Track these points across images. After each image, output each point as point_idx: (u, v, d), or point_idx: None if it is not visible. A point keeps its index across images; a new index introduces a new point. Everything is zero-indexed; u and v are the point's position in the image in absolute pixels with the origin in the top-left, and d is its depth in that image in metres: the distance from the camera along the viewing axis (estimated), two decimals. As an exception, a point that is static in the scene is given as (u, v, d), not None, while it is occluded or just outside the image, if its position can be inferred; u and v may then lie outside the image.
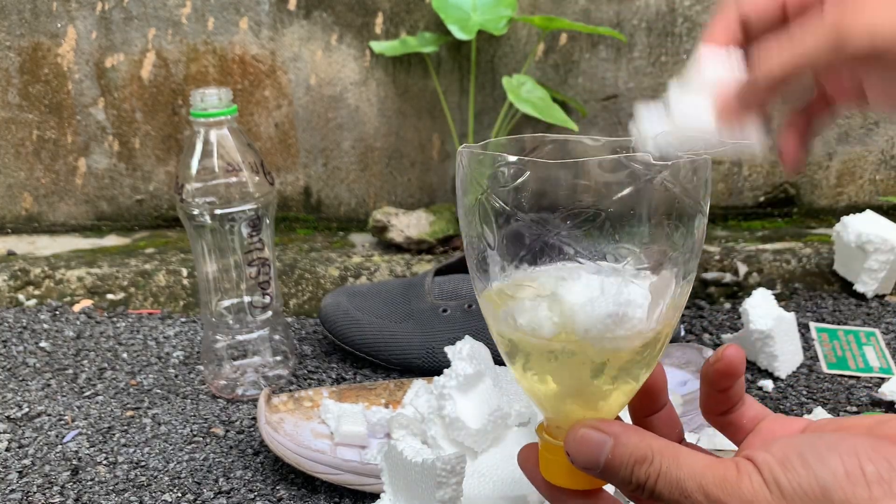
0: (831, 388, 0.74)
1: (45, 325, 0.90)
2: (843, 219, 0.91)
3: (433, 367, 0.76)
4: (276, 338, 0.77)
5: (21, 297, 0.96)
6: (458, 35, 0.95)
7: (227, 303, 0.74)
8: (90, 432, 0.70)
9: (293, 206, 1.13)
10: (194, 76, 1.07)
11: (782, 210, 1.13)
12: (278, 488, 0.62)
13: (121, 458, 0.66)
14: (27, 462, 0.66)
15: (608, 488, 0.38)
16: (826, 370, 0.77)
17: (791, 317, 0.77)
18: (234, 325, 0.74)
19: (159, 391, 0.76)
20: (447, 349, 0.61)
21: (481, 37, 1.04)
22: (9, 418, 0.72)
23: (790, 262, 0.97)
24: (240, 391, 0.75)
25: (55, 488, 0.62)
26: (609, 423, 0.34)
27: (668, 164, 0.32)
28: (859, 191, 1.12)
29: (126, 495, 0.61)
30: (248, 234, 0.71)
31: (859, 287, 0.90)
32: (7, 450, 0.67)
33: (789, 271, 0.96)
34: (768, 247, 1.01)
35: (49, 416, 0.72)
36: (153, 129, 1.09)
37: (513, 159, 0.33)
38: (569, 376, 0.34)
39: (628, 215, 0.32)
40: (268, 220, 0.72)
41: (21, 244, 1.09)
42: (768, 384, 0.75)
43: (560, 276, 0.33)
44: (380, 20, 1.04)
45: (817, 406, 0.70)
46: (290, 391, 0.73)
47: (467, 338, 0.61)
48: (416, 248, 1.02)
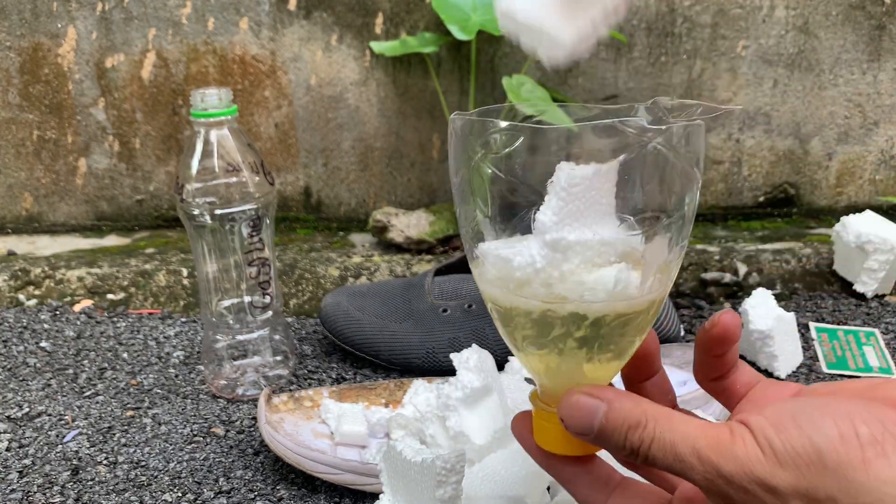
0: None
1: (46, 325, 0.90)
2: (843, 219, 0.91)
3: (433, 367, 0.76)
4: (277, 338, 0.77)
5: (21, 296, 0.96)
6: (458, 35, 0.95)
7: (227, 303, 0.74)
8: (90, 432, 0.70)
9: (293, 206, 1.13)
10: (194, 76, 1.07)
11: (782, 210, 1.13)
12: (278, 488, 0.62)
13: (121, 458, 0.66)
14: (27, 462, 0.66)
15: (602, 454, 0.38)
16: (826, 370, 0.77)
17: (791, 317, 0.77)
18: (234, 325, 0.74)
19: (159, 391, 0.76)
20: (453, 357, 0.60)
21: (481, 37, 1.04)
22: (9, 418, 0.72)
23: (790, 262, 0.97)
24: (240, 391, 0.75)
25: (55, 488, 0.62)
26: (603, 388, 0.34)
27: (661, 129, 0.31)
28: (859, 191, 1.12)
29: (126, 495, 0.61)
30: (248, 234, 0.71)
31: (859, 287, 0.90)
32: (7, 450, 0.68)
33: (789, 271, 0.96)
34: (768, 247, 1.01)
35: (49, 415, 0.72)
36: (153, 129, 1.09)
37: (505, 125, 0.32)
38: (562, 343, 0.34)
39: (621, 181, 0.32)
40: (268, 220, 0.72)
41: (21, 244, 1.09)
42: (768, 384, 0.75)
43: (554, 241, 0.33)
44: (380, 20, 1.05)
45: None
46: (291, 391, 0.73)
47: (474, 347, 0.61)
48: (416, 248, 1.02)
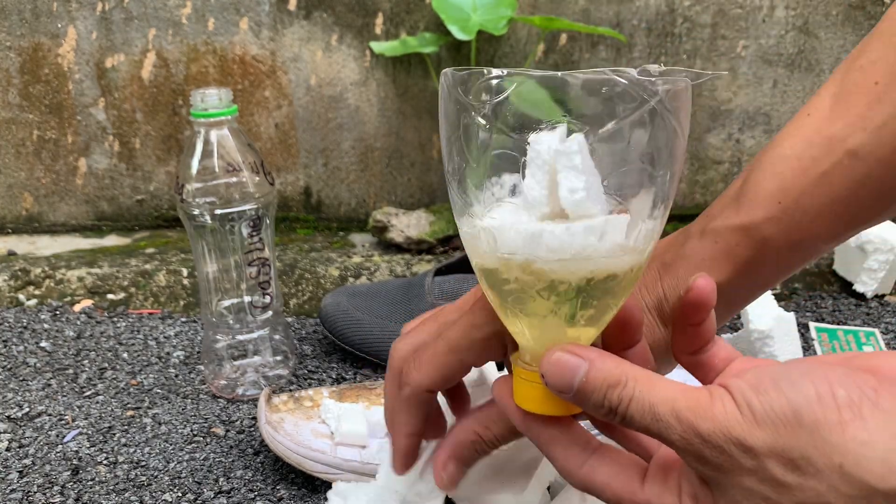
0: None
1: (46, 325, 0.90)
2: (843, 219, 0.91)
3: (433, 366, 0.76)
4: (277, 338, 0.77)
5: (21, 296, 0.96)
6: (458, 35, 0.95)
7: (227, 303, 0.74)
8: (90, 432, 0.70)
9: (293, 206, 1.13)
10: (195, 76, 1.07)
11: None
12: (278, 488, 0.62)
13: (121, 458, 0.66)
14: (27, 462, 0.66)
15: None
16: (826, 370, 0.77)
17: (791, 316, 0.77)
18: (234, 324, 0.74)
19: (160, 391, 0.77)
20: None
21: (481, 37, 1.04)
22: (9, 418, 0.72)
23: (790, 262, 0.97)
24: (240, 391, 0.75)
25: (55, 488, 0.62)
26: (585, 347, 0.34)
27: (652, 79, 0.32)
28: (859, 191, 1.12)
29: (126, 495, 0.61)
30: (248, 234, 0.71)
31: (859, 287, 0.91)
32: (7, 449, 0.68)
33: (789, 271, 0.96)
34: (768, 247, 1.01)
35: (49, 415, 0.72)
36: (153, 129, 1.09)
37: (497, 72, 0.33)
38: (545, 302, 0.34)
39: (613, 136, 0.33)
40: (268, 220, 0.72)
41: (21, 244, 1.10)
42: (768, 384, 0.75)
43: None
44: (380, 20, 1.05)
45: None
46: (291, 391, 0.73)
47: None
48: (416, 248, 1.02)
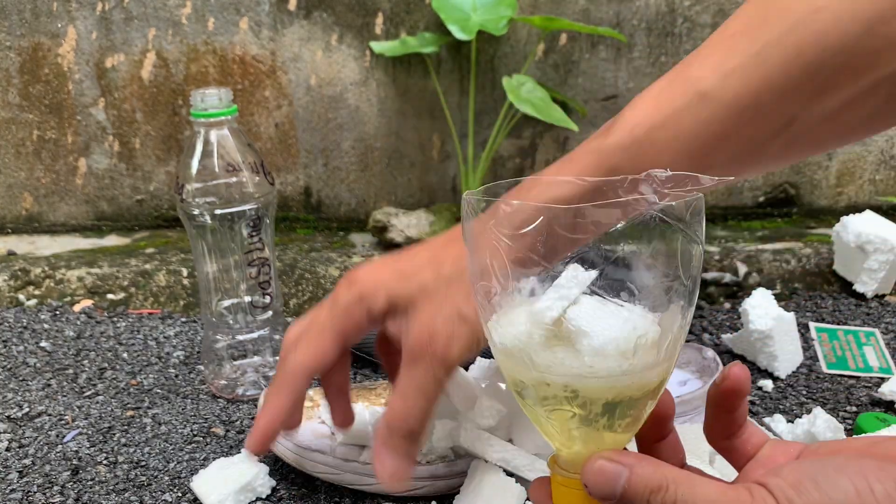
0: (831, 387, 0.75)
1: (46, 325, 0.90)
2: (843, 219, 0.91)
3: (433, 367, 0.76)
4: (277, 338, 0.77)
5: (21, 296, 0.96)
6: (458, 35, 0.95)
7: (227, 303, 0.74)
8: (90, 432, 0.70)
9: (293, 206, 1.13)
10: (194, 76, 1.07)
11: (782, 210, 1.13)
12: (278, 488, 0.62)
13: (121, 458, 0.66)
14: (27, 462, 0.66)
15: None
16: (826, 370, 0.77)
17: (791, 317, 0.77)
18: (234, 324, 0.74)
19: (159, 391, 0.77)
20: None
21: (481, 37, 1.04)
22: (9, 418, 0.72)
23: (790, 262, 0.97)
24: (240, 391, 0.75)
25: (55, 488, 0.62)
26: (625, 454, 0.35)
27: (669, 203, 0.33)
28: (859, 191, 1.12)
29: (126, 495, 0.61)
30: (248, 234, 0.71)
31: (859, 287, 0.91)
32: (7, 449, 0.68)
33: (789, 271, 0.96)
34: (768, 247, 1.01)
35: (49, 415, 0.72)
36: (153, 129, 1.09)
37: (517, 203, 0.34)
38: (581, 414, 0.35)
39: (633, 254, 0.34)
40: (268, 220, 0.72)
41: (21, 244, 1.09)
42: (768, 384, 0.75)
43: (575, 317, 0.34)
44: (380, 20, 1.05)
45: (817, 406, 0.70)
46: (291, 391, 0.73)
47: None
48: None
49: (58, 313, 0.93)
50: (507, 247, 0.34)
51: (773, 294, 0.81)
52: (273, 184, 0.72)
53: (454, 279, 0.48)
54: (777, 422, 0.66)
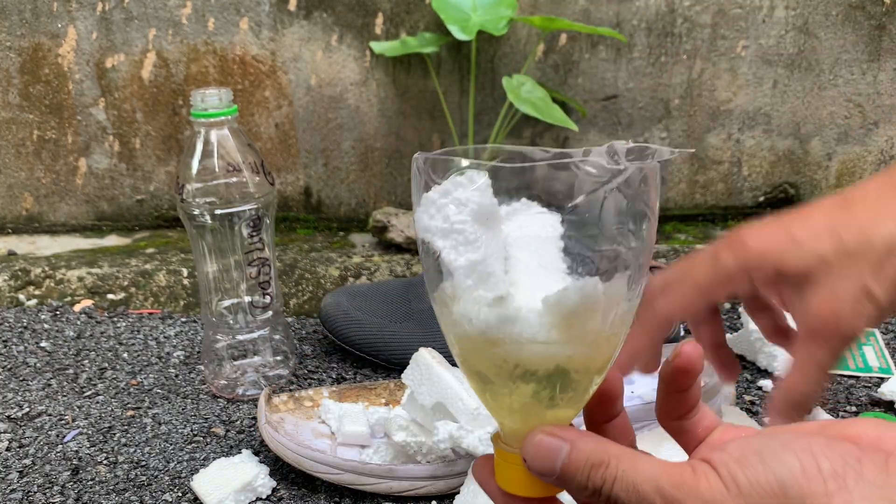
0: (831, 387, 0.75)
1: (46, 325, 0.90)
2: (843, 219, 0.91)
3: (433, 366, 0.76)
4: (277, 338, 0.77)
5: (22, 296, 0.96)
6: (458, 35, 0.95)
7: (227, 303, 0.74)
8: (91, 432, 0.70)
9: (293, 206, 1.13)
10: (195, 76, 1.07)
11: (782, 210, 1.13)
12: (278, 488, 0.62)
13: (121, 458, 0.66)
14: (28, 462, 0.66)
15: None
16: (825, 370, 0.77)
17: (790, 317, 0.77)
18: (234, 324, 0.74)
19: (160, 391, 0.77)
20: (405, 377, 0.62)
21: (481, 37, 1.04)
22: (9, 418, 0.72)
23: (790, 262, 0.97)
24: (240, 391, 0.75)
25: (55, 488, 0.62)
26: (566, 429, 0.34)
27: (620, 168, 0.32)
28: (859, 191, 1.12)
29: (126, 495, 0.61)
30: (248, 234, 0.71)
31: (859, 287, 0.90)
32: (7, 449, 0.68)
33: (789, 271, 0.96)
34: (768, 247, 1.01)
35: (49, 415, 0.72)
36: (154, 129, 1.09)
37: (466, 163, 0.33)
38: (522, 385, 0.34)
39: (583, 220, 0.33)
40: (268, 220, 0.72)
41: (22, 244, 1.10)
42: (768, 384, 0.75)
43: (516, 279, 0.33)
44: (380, 20, 1.05)
45: (816, 406, 0.70)
46: (291, 391, 0.73)
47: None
48: (416, 248, 1.02)
49: (58, 313, 0.93)
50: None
51: (773, 294, 0.81)
52: (273, 184, 0.72)
53: (859, 253, 0.45)
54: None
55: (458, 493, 0.60)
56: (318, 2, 1.04)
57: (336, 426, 0.64)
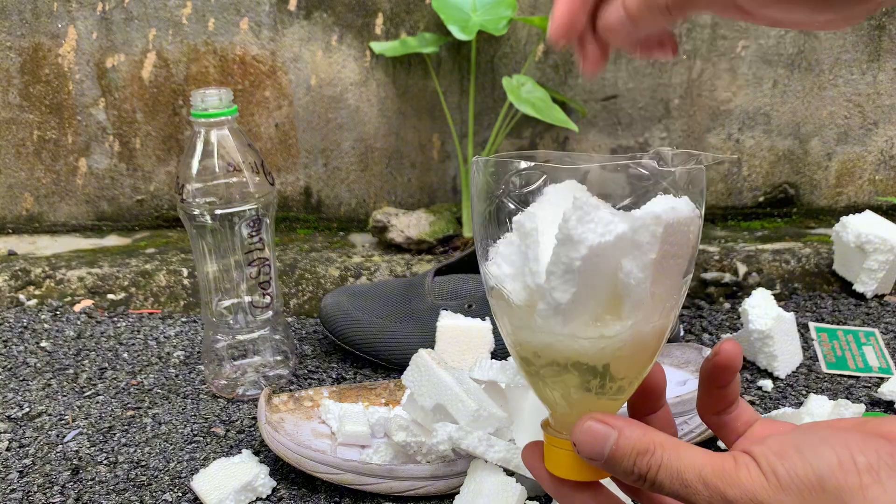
0: (831, 387, 0.75)
1: (46, 325, 0.90)
2: (843, 219, 0.91)
3: (433, 366, 0.77)
4: (277, 337, 0.77)
5: (22, 296, 0.96)
6: (458, 35, 0.95)
7: (227, 303, 0.74)
8: (91, 432, 0.70)
9: (293, 206, 1.13)
10: (195, 76, 1.07)
11: (781, 210, 1.13)
12: (278, 488, 0.62)
13: (121, 458, 0.66)
14: (28, 462, 0.66)
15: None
16: (825, 370, 0.77)
17: (790, 316, 0.77)
18: (234, 324, 0.74)
19: (160, 391, 0.77)
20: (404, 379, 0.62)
21: (481, 37, 1.04)
22: (9, 418, 0.72)
23: (789, 262, 0.97)
24: (240, 391, 0.75)
25: (56, 488, 0.62)
26: (614, 416, 0.35)
27: (671, 170, 0.34)
28: (858, 191, 1.12)
29: (126, 495, 0.62)
30: (248, 234, 0.71)
31: (858, 287, 0.91)
32: (8, 449, 0.68)
33: (789, 271, 0.96)
34: (768, 247, 1.01)
35: (50, 415, 0.73)
36: (154, 129, 1.09)
37: (524, 165, 0.35)
38: (574, 375, 0.36)
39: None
40: (268, 220, 0.72)
41: (22, 244, 1.10)
42: (767, 384, 0.75)
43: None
44: (380, 21, 1.05)
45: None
46: (291, 391, 0.73)
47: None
48: (416, 248, 1.02)
49: (58, 313, 0.93)
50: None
51: (773, 294, 0.81)
52: (273, 184, 0.72)
53: None
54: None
55: (458, 493, 0.60)
56: (318, 2, 1.04)
57: (336, 426, 0.64)
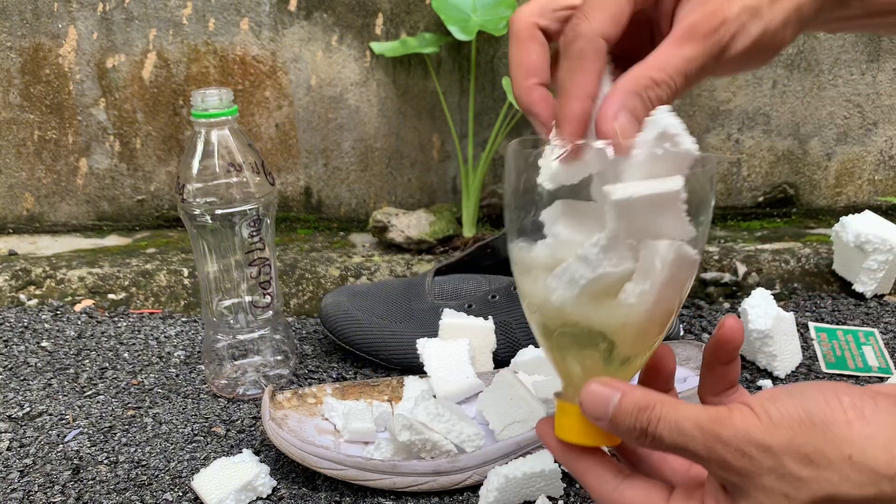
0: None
1: (47, 325, 0.90)
2: (842, 219, 0.91)
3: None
4: (277, 337, 0.77)
5: (22, 296, 0.96)
6: (458, 36, 0.95)
7: (227, 302, 0.74)
8: (91, 431, 0.70)
9: (294, 206, 1.14)
10: (195, 77, 1.07)
11: (781, 210, 1.13)
12: (279, 488, 0.62)
13: (122, 458, 0.66)
14: (28, 461, 0.66)
15: None
16: (825, 370, 0.77)
17: (790, 316, 0.77)
18: (234, 324, 0.75)
19: (160, 390, 0.77)
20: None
21: (481, 37, 1.04)
22: (10, 418, 0.72)
23: (789, 262, 0.97)
24: (241, 390, 0.75)
25: (56, 487, 0.63)
26: (618, 381, 0.38)
27: (693, 155, 0.36)
28: (858, 191, 1.12)
29: (127, 494, 0.62)
30: (248, 234, 0.71)
31: (858, 287, 0.91)
32: (8, 449, 0.68)
33: (788, 271, 0.96)
34: (767, 247, 1.01)
35: (50, 415, 0.73)
36: (154, 129, 1.09)
37: (559, 142, 0.37)
38: (585, 350, 0.39)
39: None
40: (268, 220, 0.72)
41: (22, 244, 1.10)
42: (767, 384, 0.75)
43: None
44: (380, 21, 1.05)
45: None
46: (294, 388, 0.73)
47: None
48: (416, 248, 1.02)
49: (59, 313, 0.93)
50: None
51: (773, 294, 0.81)
52: (273, 184, 0.72)
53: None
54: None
55: (460, 489, 0.60)
56: (318, 2, 1.04)
57: (341, 424, 0.65)
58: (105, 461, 0.66)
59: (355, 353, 0.80)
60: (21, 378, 0.79)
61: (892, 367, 0.77)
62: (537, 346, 0.71)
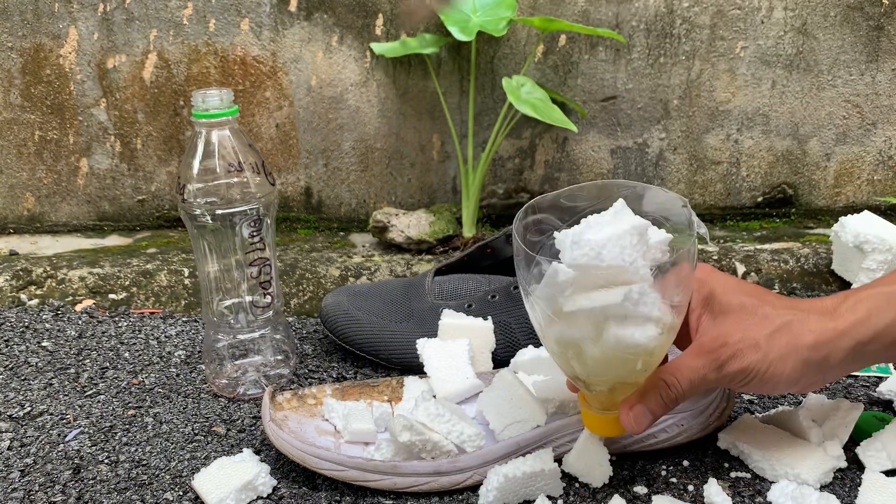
0: (829, 387, 0.75)
1: (48, 325, 0.90)
2: (841, 219, 0.91)
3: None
4: (277, 337, 0.77)
5: (23, 296, 0.96)
6: (459, 36, 0.95)
7: (228, 302, 0.74)
8: (92, 431, 0.70)
9: (294, 206, 1.14)
10: (196, 77, 1.07)
11: (780, 210, 1.14)
12: (279, 487, 0.63)
13: (122, 457, 0.66)
14: (29, 461, 0.66)
15: None
16: (824, 369, 0.78)
17: (789, 316, 0.77)
18: (235, 324, 0.75)
19: (161, 390, 0.77)
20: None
21: (481, 38, 1.04)
22: (11, 417, 0.72)
23: (788, 262, 0.97)
24: (241, 390, 0.75)
25: (57, 487, 0.63)
26: (642, 397, 0.54)
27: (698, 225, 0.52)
28: (857, 191, 1.12)
29: (127, 494, 0.62)
30: (249, 234, 0.72)
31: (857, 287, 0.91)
32: (9, 449, 0.68)
33: (787, 271, 0.97)
34: (766, 247, 1.01)
35: (51, 415, 0.73)
36: (155, 129, 1.10)
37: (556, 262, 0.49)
38: (618, 369, 0.53)
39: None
40: (269, 221, 0.73)
41: (23, 244, 1.10)
42: (766, 383, 0.75)
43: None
44: (380, 21, 1.05)
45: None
46: (294, 389, 0.73)
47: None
48: (417, 248, 1.02)
49: (59, 313, 0.93)
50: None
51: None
52: (274, 184, 0.72)
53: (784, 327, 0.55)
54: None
55: (461, 489, 0.60)
56: (318, 3, 1.04)
57: (342, 424, 0.65)
58: (106, 461, 0.66)
59: (355, 352, 0.80)
60: (22, 378, 0.80)
61: (891, 366, 0.77)
62: (537, 345, 0.71)
